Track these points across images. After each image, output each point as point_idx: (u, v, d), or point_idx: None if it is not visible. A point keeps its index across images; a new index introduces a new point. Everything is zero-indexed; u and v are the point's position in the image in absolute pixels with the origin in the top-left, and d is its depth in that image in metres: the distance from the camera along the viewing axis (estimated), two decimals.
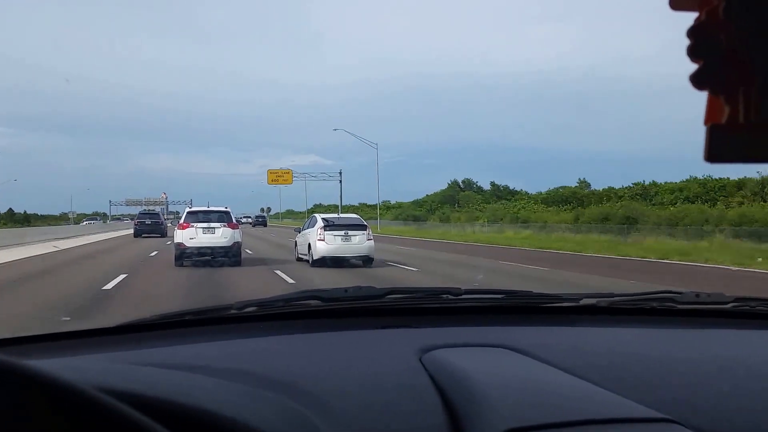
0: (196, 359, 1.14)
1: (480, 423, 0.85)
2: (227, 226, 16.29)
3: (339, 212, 51.66)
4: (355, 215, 18.97)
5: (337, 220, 17.13)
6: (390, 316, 1.57)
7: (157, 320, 1.43)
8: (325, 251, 16.08)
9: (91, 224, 49.46)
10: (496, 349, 1.25)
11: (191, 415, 0.71)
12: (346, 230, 16.47)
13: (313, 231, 16.78)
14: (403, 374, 1.08)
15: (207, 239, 15.92)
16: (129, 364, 1.06)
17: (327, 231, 16.29)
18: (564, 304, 1.65)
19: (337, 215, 18.57)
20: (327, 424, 0.84)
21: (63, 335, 1.40)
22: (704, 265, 17.68)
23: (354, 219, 17.71)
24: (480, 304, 1.68)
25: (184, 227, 16.08)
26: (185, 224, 16.16)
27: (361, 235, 16.51)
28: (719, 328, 1.58)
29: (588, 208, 42.45)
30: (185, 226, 16.10)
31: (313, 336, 1.42)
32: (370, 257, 16.43)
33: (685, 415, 0.90)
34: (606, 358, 1.23)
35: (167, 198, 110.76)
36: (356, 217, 18.09)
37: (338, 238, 16.30)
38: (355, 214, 19.54)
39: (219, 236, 16.04)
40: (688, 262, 18.56)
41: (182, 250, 15.80)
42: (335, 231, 16.37)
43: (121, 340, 1.36)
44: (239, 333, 1.43)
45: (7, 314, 8.74)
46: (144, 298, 10.47)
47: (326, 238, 16.22)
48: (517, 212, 51.83)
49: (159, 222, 38.14)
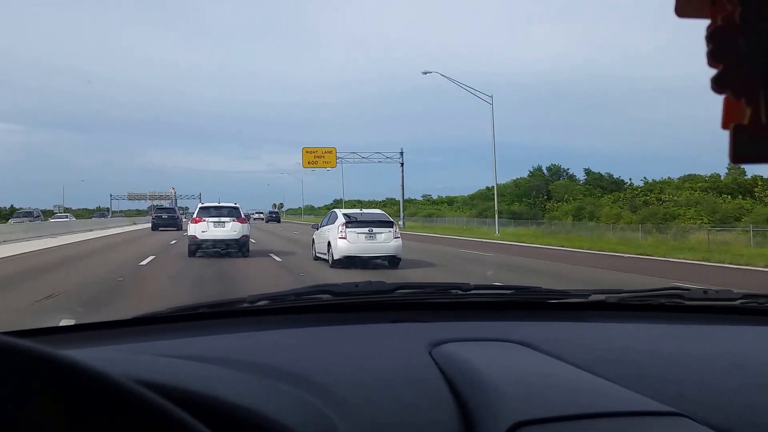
0: (210, 351, 1.14)
1: (490, 416, 0.85)
2: (236, 221, 17.39)
3: (402, 209, 50.00)
4: (380, 211, 17.37)
5: (360, 216, 15.50)
6: (400, 310, 1.58)
7: (171, 313, 1.47)
8: (347, 250, 14.53)
9: (61, 221, 42.44)
10: (506, 343, 1.25)
11: (210, 405, 0.72)
12: (371, 227, 14.85)
13: (333, 228, 15.20)
14: (414, 368, 1.09)
15: (218, 232, 17.13)
16: (146, 355, 1.09)
17: (349, 228, 14.70)
18: (573, 300, 1.65)
19: (359, 210, 16.75)
20: (341, 417, 0.85)
21: (78, 327, 1.42)
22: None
23: (379, 215, 16.08)
24: (489, 299, 1.70)
25: (197, 221, 17.28)
26: (198, 218, 17.35)
27: (387, 233, 14.88)
28: (728, 324, 1.55)
29: (756, 207, 35.27)
30: (198, 220, 17.31)
31: (324, 329, 1.43)
32: (396, 257, 14.87)
33: (693, 409, 0.90)
34: (615, 353, 1.23)
35: (176, 193, 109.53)
36: (381, 213, 16.43)
37: (362, 235, 14.69)
38: (379, 211, 17.87)
39: (229, 230, 17.19)
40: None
41: (195, 242, 17.02)
42: (358, 228, 14.76)
43: (136, 332, 1.38)
44: (252, 326, 1.44)
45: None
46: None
47: (348, 236, 14.62)
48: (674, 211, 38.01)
49: (175, 216, 41.10)
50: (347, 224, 14.77)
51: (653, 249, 20.65)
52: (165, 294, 10.39)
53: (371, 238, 14.76)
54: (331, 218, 15.93)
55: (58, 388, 0.48)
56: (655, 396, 0.93)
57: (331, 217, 16.02)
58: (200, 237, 16.98)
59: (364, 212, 16.20)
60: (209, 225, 17.14)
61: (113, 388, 0.50)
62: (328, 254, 15.24)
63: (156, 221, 39.98)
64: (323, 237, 15.95)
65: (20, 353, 0.49)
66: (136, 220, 69.00)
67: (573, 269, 15.20)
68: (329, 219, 16.15)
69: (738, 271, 15.27)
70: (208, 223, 17.19)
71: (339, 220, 15.14)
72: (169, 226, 38.88)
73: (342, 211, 15.87)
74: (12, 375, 0.48)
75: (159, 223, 39.50)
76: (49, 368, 0.49)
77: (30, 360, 0.49)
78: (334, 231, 15.02)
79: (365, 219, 15.19)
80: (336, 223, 15.12)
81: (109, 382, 0.50)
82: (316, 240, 16.98)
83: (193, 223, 17.39)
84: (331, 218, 16.01)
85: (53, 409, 0.48)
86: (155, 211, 44.74)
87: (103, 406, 0.50)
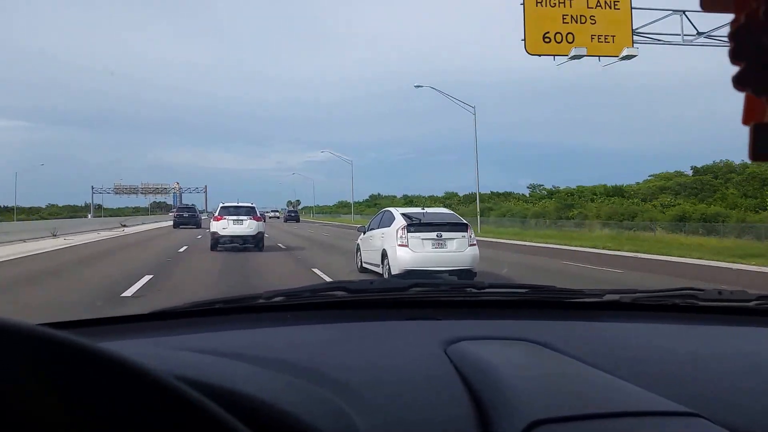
0: (227, 347, 1.14)
1: (506, 414, 0.85)
2: (253, 219, 19.58)
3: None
4: (447, 210, 13.62)
5: (424, 216, 11.79)
6: (415, 308, 1.57)
7: (188, 308, 1.47)
8: (410, 263, 10.99)
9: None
10: (521, 342, 1.24)
11: (231, 399, 0.72)
12: (439, 230, 11.32)
13: (388, 232, 11.71)
14: (430, 365, 1.08)
15: (236, 229, 19.30)
16: (165, 349, 1.11)
17: (412, 232, 11.19)
18: (587, 299, 1.64)
19: (421, 209, 12.50)
20: (359, 414, 0.85)
21: (96, 321, 1.42)
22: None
23: (448, 215, 12.38)
24: (504, 298, 1.69)
25: (218, 219, 19.44)
26: (219, 217, 19.47)
27: (461, 239, 11.34)
28: (742, 325, 1.53)
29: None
30: (219, 218, 19.42)
31: (340, 326, 1.43)
32: (472, 271, 11.25)
33: (709, 410, 0.89)
34: (630, 353, 1.22)
35: (180, 187, 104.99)
36: (450, 213, 12.69)
37: (428, 242, 11.19)
38: (447, 210, 14.13)
39: (246, 227, 19.36)
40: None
41: (216, 237, 19.24)
42: (423, 232, 11.26)
43: (153, 327, 1.39)
44: (267, 322, 1.45)
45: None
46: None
47: (410, 243, 11.13)
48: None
49: (195, 215, 44.63)
50: (409, 227, 11.29)
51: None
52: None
53: (440, 246, 11.25)
54: (385, 219, 12.36)
55: (95, 379, 0.49)
56: (671, 396, 0.92)
57: (385, 218, 12.44)
58: (221, 233, 19.17)
59: (429, 211, 12.28)
60: (229, 222, 19.28)
61: (154, 383, 0.51)
62: (382, 266, 11.78)
63: (177, 219, 43.67)
64: (374, 243, 12.45)
65: (74, 348, 0.49)
66: (128, 221, 54.79)
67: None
68: (382, 220, 12.59)
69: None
70: (228, 220, 19.28)
71: (397, 221, 11.62)
72: (189, 224, 42.29)
73: (399, 210, 12.23)
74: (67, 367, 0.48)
75: (180, 221, 42.86)
76: (90, 361, 0.49)
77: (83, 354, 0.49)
78: (390, 236, 11.53)
79: (431, 220, 11.57)
80: (393, 226, 11.62)
81: (151, 376, 0.51)
82: (363, 246, 13.50)
83: (215, 221, 19.52)
84: (384, 219, 12.45)
85: (93, 401, 0.48)
86: (176, 210, 49.06)
87: (141, 398, 0.50)
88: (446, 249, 11.22)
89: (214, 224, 19.47)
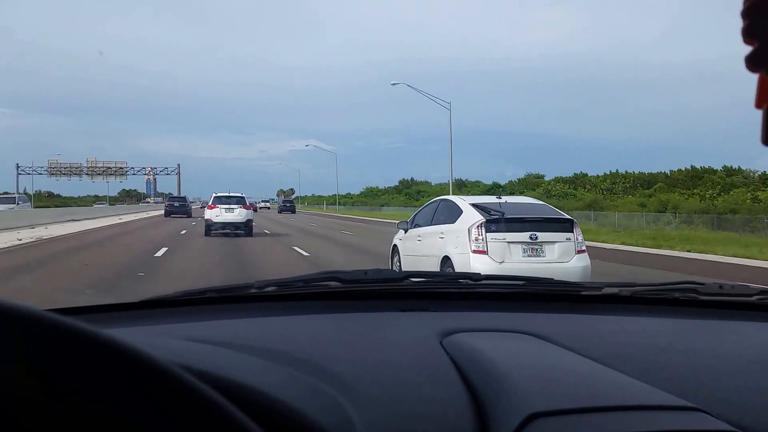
0: (218, 336, 1.12)
1: (504, 407, 0.84)
2: (242, 208, 21.95)
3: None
4: (535, 200, 9.70)
5: (507, 209, 7.93)
6: (410, 299, 1.55)
7: (179, 297, 1.47)
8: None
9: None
10: (518, 334, 1.22)
11: (224, 386, 0.69)
12: (532, 230, 7.53)
13: (452, 231, 7.95)
14: (425, 358, 1.06)
15: (228, 217, 21.72)
16: (156, 336, 1.10)
17: (492, 232, 7.41)
18: (585, 292, 1.62)
19: (497, 198, 8.39)
20: (354, 406, 0.83)
21: (87, 309, 1.41)
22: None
23: (539, 206, 8.60)
24: (500, 290, 1.67)
25: (212, 208, 21.83)
26: (212, 206, 21.90)
27: (565, 243, 7.60)
28: (743, 320, 1.51)
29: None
30: (212, 207, 21.84)
31: (332, 317, 1.41)
32: None
33: (710, 405, 0.88)
34: (629, 347, 1.20)
35: (154, 171, 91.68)
36: (542, 204, 8.90)
37: (517, 248, 7.45)
38: (535, 201, 10.22)
39: (236, 215, 21.71)
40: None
41: (209, 224, 21.62)
42: (509, 232, 7.50)
43: (143, 315, 1.39)
44: (259, 312, 1.43)
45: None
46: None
47: (491, 249, 7.35)
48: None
49: (185, 205, 45.71)
50: (488, 223, 7.49)
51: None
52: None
53: (535, 253, 7.47)
54: (444, 212, 8.58)
55: (97, 367, 0.48)
56: (671, 390, 0.91)
57: (443, 210, 8.65)
58: (214, 220, 21.51)
59: (509, 201, 8.47)
60: (221, 211, 21.69)
61: (155, 370, 0.50)
62: None
63: (169, 208, 44.65)
64: (426, 246, 8.65)
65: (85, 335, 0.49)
66: (76, 212, 41.18)
67: None
68: (437, 213, 8.80)
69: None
70: (220, 209, 21.67)
71: (466, 215, 7.86)
72: (180, 213, 42.89)
73: (467, 200, 8.41)
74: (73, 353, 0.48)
75: (171, 210, 43.78)
76: (94, 347, 0.49)
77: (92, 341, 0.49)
78: (457, 237, 7.77)
79: (517, 215, 7.79)
80: (460, 222, 7.84)
81: (151, 363, 0.50)
82: (405, 250, 9.59)
83: (209, 209, 21.92)
84: (442, 212, 8.66)
85: (93, 387, 0.48)
86: (168, 200, 50.75)
87: (147, 385, 0.49)
88: (545, 258, 7.48)
89: (208, 212, 21.97)
